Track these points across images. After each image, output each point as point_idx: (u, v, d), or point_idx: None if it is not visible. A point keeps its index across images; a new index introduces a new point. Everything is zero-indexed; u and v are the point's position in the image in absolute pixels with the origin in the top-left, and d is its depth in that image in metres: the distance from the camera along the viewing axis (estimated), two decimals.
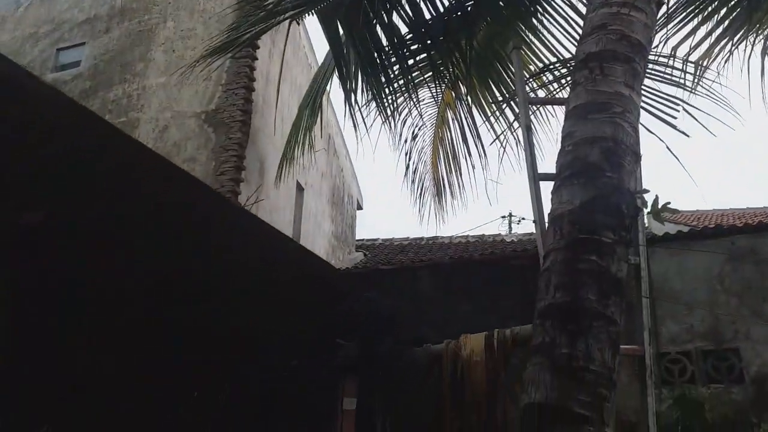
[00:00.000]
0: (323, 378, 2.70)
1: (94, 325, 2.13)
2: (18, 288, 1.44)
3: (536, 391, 1.96)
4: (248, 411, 2.76)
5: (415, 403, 2.46)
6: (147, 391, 2.91)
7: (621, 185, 2.18)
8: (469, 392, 2.33)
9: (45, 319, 1.59)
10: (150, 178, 1.15)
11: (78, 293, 1.55)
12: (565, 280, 2.06)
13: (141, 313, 1.97)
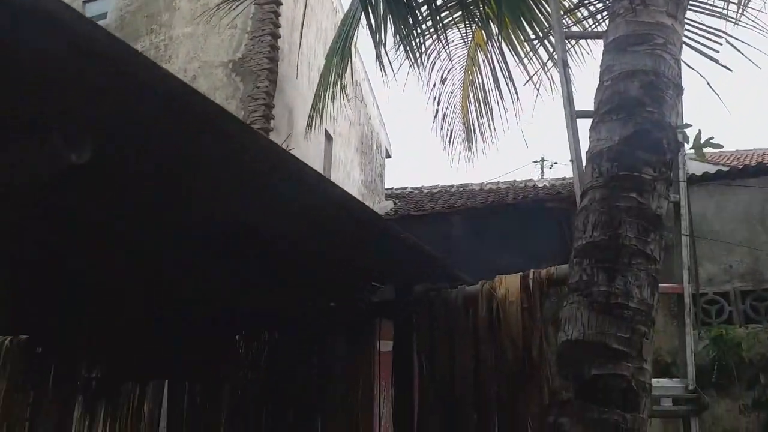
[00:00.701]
0: (360, 321, 2.74)
1: (146, 268, 2.19)
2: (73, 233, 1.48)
3: (573, 328, 1.96)
4: (288, 353, 2.83)
5: (451, 344, 2.49)
6: (192, 332, 3.01)
7: (662, 120, 2.11)
8: (504, 332, 2.34)
9: (107, 256, 1.63)
10: (202, 124, 1.16)
11: (122, 237, 1.59)
12: (603, 218, 2.03)
13: (187, 256, 2.01)
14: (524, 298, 2.36)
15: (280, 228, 1.87)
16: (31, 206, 1.55)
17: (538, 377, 2.29)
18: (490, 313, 2.40)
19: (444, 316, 2.52)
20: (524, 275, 2.41)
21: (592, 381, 1.85)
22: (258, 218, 1.77)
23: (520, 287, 2.38)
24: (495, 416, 2.30)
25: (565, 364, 1.94)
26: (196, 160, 1.38)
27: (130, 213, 1.60)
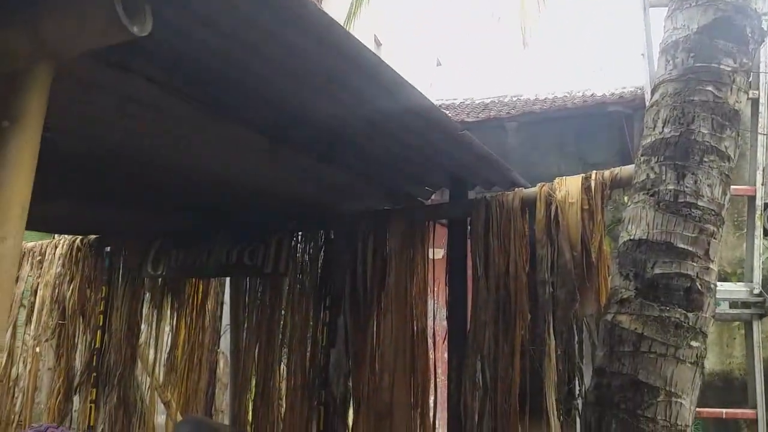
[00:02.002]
0: (414, 224, 2.75)
1: (213, 169, 2.22)
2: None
3: (637, 228, 1.91)
4: (342, 253, 2.88)
5: (506, 247, 2.48)
6: (252, 230, 3.09)
7: (746, 6, 1.94)
8: (562, 234, 2.31)
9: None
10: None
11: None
12: (675, 113, 1.92)
13: (252, 155, 2.02)
14: (585, 200, 2.30)
15: (343, 127, 1.85)
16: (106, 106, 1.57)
17: (595, 279, 2.27)
18: (549, 216, 2.35)
19: (500, 220, 2.49)
20: (586, 176, 2.34)
21: (654, 280, 1.82)
22: (327, 117, 1.75)
23: (581, 189, 2.32)
24: (550, 316, 2.31)
25: (626, 263, 1.91)
26: (278, 54, 1.35)
27: (197, 111, 1.60)
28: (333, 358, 2.77)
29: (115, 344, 3.56)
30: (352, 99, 1.66)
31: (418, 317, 2.67)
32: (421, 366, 2.62)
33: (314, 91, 1.63)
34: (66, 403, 3.74)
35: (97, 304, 3.72)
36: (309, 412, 2.89)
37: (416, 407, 2.59)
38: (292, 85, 1.60)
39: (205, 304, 3.72)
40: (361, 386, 2.71)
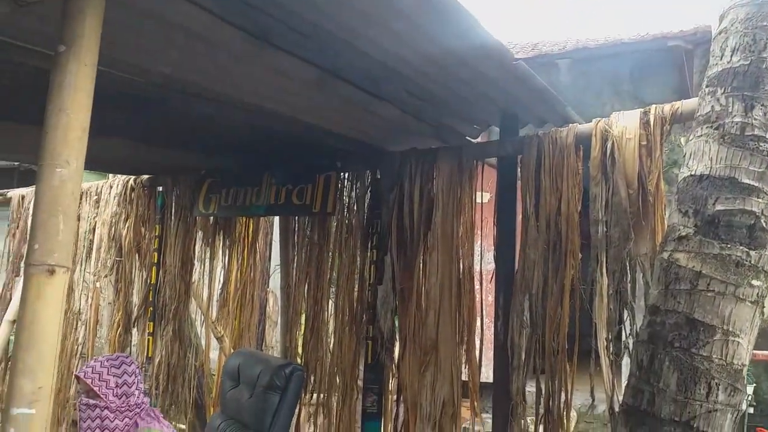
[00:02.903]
0: (462, 163, 2.70)
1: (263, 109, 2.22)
2: None
3: (698, 163, 1.83)
4: (388, 193, 2.87)
5: (558, 185, 2.42)
6: (300, 170, 3.11)
7: None
8: (618, 171, 2.23)
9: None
10: None
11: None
12: (746, 40, 1.81)
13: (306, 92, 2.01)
14: (643, 136, 2.21)
15: (395, 59, 1.80)
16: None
17: (651, 217, 2.21)
18: (604, 152, 2.28)
19: (552, 157, 2.42)
20: (644, 111, 2.24)
21: (715, 217, 1.75)
22: (379, 48, 1.71)
23: (638, 124, 2.22)
24: (603, 255, 2.27)
25: (685, 200, 1.84)
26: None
27: (245, 41, 1.59)
28: (380, 295, 2.80)
29: (170, 280, 3.69)
30: (406, 28, 1.61)
31: (465, 256, 2.66)
32: (467, 304, 2.63)
33: (365, 21, 1.59)
34: (126, 336, 3.93)
35: (152, 242, 3.85)
36: (357, 346, 2.96)
37: (462, 344, 2.62)
38: (343, 15, 1.56)
39: (255, 242, 3.81)
40: (408, 322, 2.74)
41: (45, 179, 1.05)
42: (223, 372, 3.20)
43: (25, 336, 1.01)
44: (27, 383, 1.00)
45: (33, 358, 1.00)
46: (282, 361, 3.11)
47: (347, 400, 2.97)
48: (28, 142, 2.17)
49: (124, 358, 2.62)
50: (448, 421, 2.56)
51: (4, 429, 1.00)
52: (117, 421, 2.47)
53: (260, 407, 2.77)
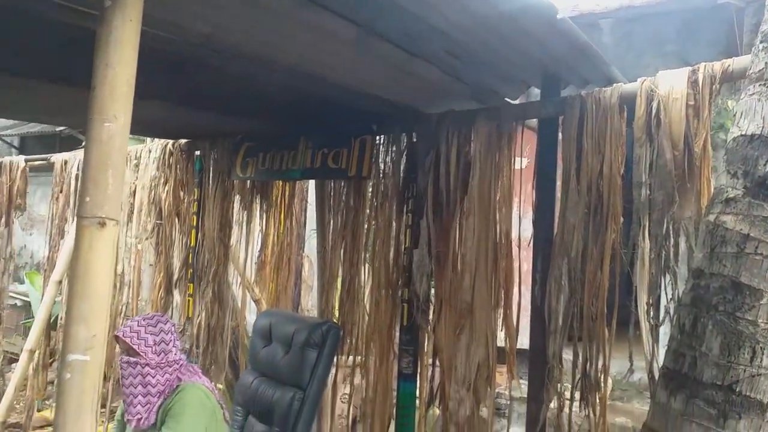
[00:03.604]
0: (501, 125, 2.66)
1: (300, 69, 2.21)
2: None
3: (750, 122, 1.76)
4: (424, 157, 2.85)
5: (600, 147, 2.36)
6: (336, 132, 3.10)
7: None
8: (664, 132, 2.17)
9: None
10: None
11: None
12: None
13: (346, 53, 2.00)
14: (690, 95, 2.14)
15: (435, 16, 1.76)
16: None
17: (697, 180, 2.15)
18: (649, 113, 2.21)
19: (595, 118, 2.36)
20: (693, 69, 2.16)
21: (766, 178, 1.69)
22: (419, 4, 1.67)
23: (686, 83, 2.15)
24: (645, 219, 2.22)
25: (734, 160, 1.78)
26: None
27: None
28: (415, 259, 2.80)
29: (209, 243, 3.76)
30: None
31: (502, 220, 2.64)
32: (503, 268, 2.62)
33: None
34: (167, 297, 4.04)
35: (191, 206, 3.91)
36: (393, 309, 2.99)
37: (498, 307, 2.62)
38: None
39: (291, 206, 3.85)
40: (443, 286, 2.75)
41: (94, 134, 1.07)
42: (253, 332, 3.28)
43: (78, 286, 1.04)
44: (82, 331, 1.03)
45: (87, 307, 1.04)
46: (318, 320, 3.17)
47: (383, 360, 3.01)
48: (76, 104, 2.22)
49: (159, 317, 2.70)
50: (483, 383, 2.58)
51: (61, 374, 1.04)
52: (158, 377, 2.57)
53: (298, 363, 2.84)
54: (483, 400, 2.57)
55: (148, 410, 2.54)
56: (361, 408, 3.16)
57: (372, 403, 3.02)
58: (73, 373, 1.03)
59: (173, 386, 2.59)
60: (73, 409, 1.03)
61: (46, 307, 4.45)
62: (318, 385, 2.85)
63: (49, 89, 2.53)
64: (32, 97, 2.80)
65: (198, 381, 2.64)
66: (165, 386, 2.57)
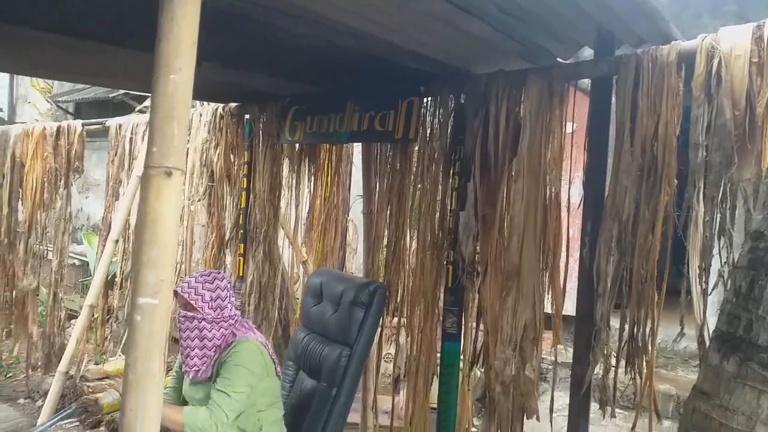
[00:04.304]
0: (552, 85, 2.61)
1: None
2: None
3: None
4: (472, 119, 2.82)
5: (656, 107, 2.30)
6: (382, 91, 3.10)
7: None
8: (724, 91, 2.09)
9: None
10: None
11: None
12: None
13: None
14: (754, 52, 2.05)
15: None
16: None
17: (758, 140, 2.06)
18: (709, 71, 2.13)
19: (651, 77, 2.29)
20: (758, 25, 2.06)
21: None
22: None
23: (750, 39, 2.06)
24: (701, 181, 2.16)
25: None
26: None
27: None
28: (462, 221, 2.81)
29: (260, 205, 3.85)
30: None
31: (552, 182, 2.61)
32: (552, 230, 2.60)
33: None
34: (219, 256, 4.17)
35: (241, 168, 4.00)
36: (438, 270, 3.02)
37: (545, 270, 2.61)
38: None
39: (339, 169, 3.89)
40: (489, 248, 2.75)
41: (160, 87, 1.11)
42: (305, 289, 3.36)
43: (147, 233, 1.09)
44: (151, 275, 1.09)
45: (156, 253, 1.09)
46: (366, 280, 3.23)
47: (428, 320, 3.05)
48: (138, 66, 2.28)
49: (215, 273, 2.79)
50: (529, 344, 2.59)
51: (132, 317, 1.11)
52: (214, 331, 2.67)
53: (346, 321, 2.91)
54: (529, 360, 2.59)
55: (204, 363, 2.66)
56: (406, 366, 3.23)
57: (416, 361, 3.08)
58: (143, 316, 1.09)
59: (228, 341, 2.69)
60: (143, 350, 1.10)
61: (105, 264, 4.65)
62: (365, 343, 2.92)
63: (113, 52, 2.60)
64: (97, 59, 2.89)
65: (252, 336, 2.74)
66: (220, 340, 2.68)
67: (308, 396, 2.97)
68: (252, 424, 2.67)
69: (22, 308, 5.20)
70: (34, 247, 5.20)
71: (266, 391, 2.72)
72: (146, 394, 1.09)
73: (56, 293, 5.16)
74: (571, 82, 2.64)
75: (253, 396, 2.63)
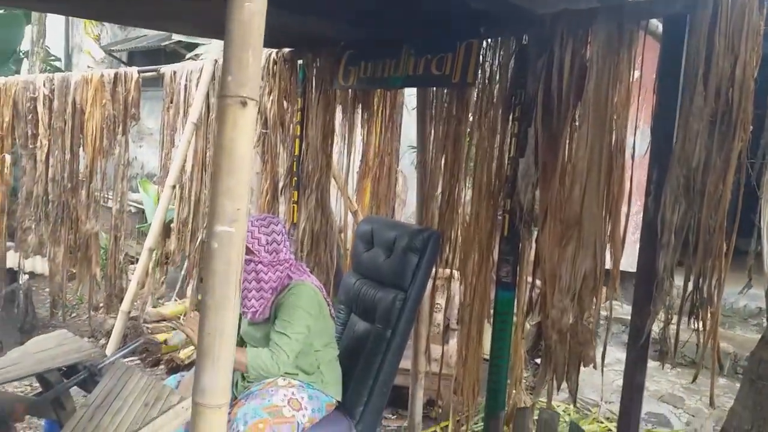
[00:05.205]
0: (618, 27, 2.49)
1: None
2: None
3: None
4: (534, 62, 2.73)
5: (733, 48, 2.17)
6: (437, 29, 3.02)
7: None
8: None
9: None
10: None
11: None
12: None
13: None
14: None
15: None
16: None
17: None
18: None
19: (729, 15, 2.15)
20: None
21: None
22: None
23: None
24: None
25: None
26: None
27: None
28: (521, 168, 2.75)
29: (312, 152, 3.86)
30: None
31: (618, 128, 2.52)
32: (616, 178, 2.52)
33: None
34: (273, 203, 4.23)
35: (294, 115, 4.00)
36: (493, 219, 2.98)
37: (607, 218, 2.55)
38: None
39: (393, 116, 3.85)
40: (549, 196, 2.70)
41: (234, 15, 1.10)
42: (356, 236, 3.39)
43: (224, 162, 1.10)
44: (228, 203, 1.11)
45: (232, 181, 1.10)
46: (419, 227, 3.23)
47: (482, 269, 3.04)
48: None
49: (271, 218, 2.83)
50: (588, 293, 2.55)
51: (209, 243, 1.13)
52: (270, 274, 2.73)
53: (400, 267, 2.93)
54: (588, 309, 2.56)
55: (261, 305, 2.73)
56: (458, 313, 3.24)
57: (469, 308, 3.09)
58: (220, 243, 1.11)
59: (284, 284, 2.75)
60: (220, 275, 1.12)
61: (163, 208, 4.78)
62: (418, 288, 2.94)
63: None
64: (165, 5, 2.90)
65: (307, 279, 2.79)
66: (277, 283, 2.74)
67: (362, 337, 3.03)
68: (310, 363, 2.75)
69: (85, 251, 5.43)
70: (95, 193, 5.38)
71: (322, 331, 2.79)
72: (224, 317, 1.12)
73: (117, 237, 5.36)
74: (641, 22, 2.51)
75: (310, 336, 2.70)
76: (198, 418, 1.17)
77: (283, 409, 2.59)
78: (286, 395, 2.64)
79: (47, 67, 10.05)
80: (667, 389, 4.93)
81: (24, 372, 2.61)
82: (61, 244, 5.55)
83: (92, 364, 2.59)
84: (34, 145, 5.42)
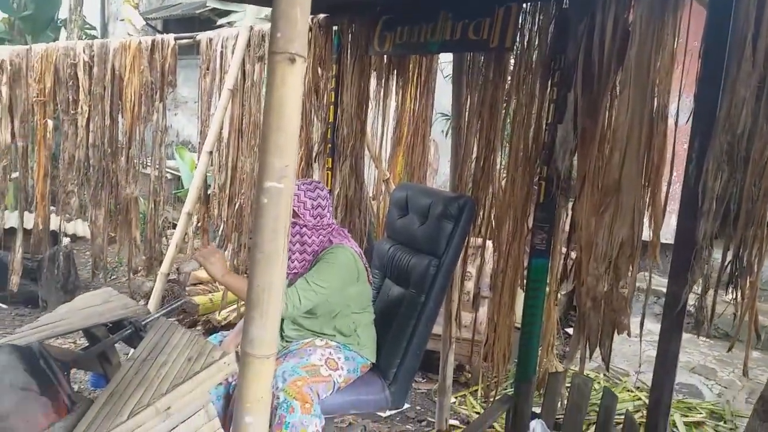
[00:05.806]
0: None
1: None
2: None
3: None
4: (574, 26, 2.67)
5: None
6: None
7: None
8: None
9: None
10: None
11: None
12: None
13: None
14: None
15: None
16: None
17: None
18: None
19: None
20: None
21: None
22: None
23: None
24: None
25: None
26: None
27: None
28: (559, 134, 2.72)
29: (347, 119, 3.87)
30: None
31: (661, 95, 2.47)
32: (657, 144, 2.48)
33: None
34: (308, 170, 4.27)
35: (329, 82, 4.01)
36: (529, 186, 2.97)
37: (647, 185, 2.52)
38: None
39: (427, 82, 3.82)
40: (588, 163, 2.67)
41: None
42: (391, 202, 3.41)
43: (273, 119, 1.13)
44: (276, 161, 1.13)
45: (281, 139, 1.12)
46: (453, 194, 3.23)
47: (517, 236, 3.04)
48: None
49: (317, 183, 2.87)
50: (625, 261, 2.54)
51: (259, 199, 1.16)
52: (314, 238, 2.78)
53: (435, 233, 2.95)
54: (623, 277, 2.55)
55: (303, 266, 2.80)
56: (491, 279, 3.26)
57: (502, 274, 3.10)
58: (270, 199, 1.14)
59: (325, 247, 2.80)
60: (269, 230, 1.16)
61: (201, 174, 4.87)
62: (452, 254, 2.96)
63: None
64: None
65: (347, 244, 2.83)
66: (319, 247, 2.80)
67: (396, 302, 3.07)
68: (347, 325, 2.81)
69: (126, 214, 5.58)
70: (134, 159, 5.49)
71: (359, 295, 2.84)
72: (272, 271, 1.16)
73: (156, 201, 5.49)
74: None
75: (346, 299, 2.76)
76: (246, 367, 1.21)
77: (321, 369, 2.66)
78: (323, 355, 2.71)
79: (84, 36, 10.18)
80: (699, 361, 4.89)
81: (73, 327, 2.73)
82: (101, 207, 5.70)
83: (137, 320, 2.69)
84: (75, 111, 5.54)
